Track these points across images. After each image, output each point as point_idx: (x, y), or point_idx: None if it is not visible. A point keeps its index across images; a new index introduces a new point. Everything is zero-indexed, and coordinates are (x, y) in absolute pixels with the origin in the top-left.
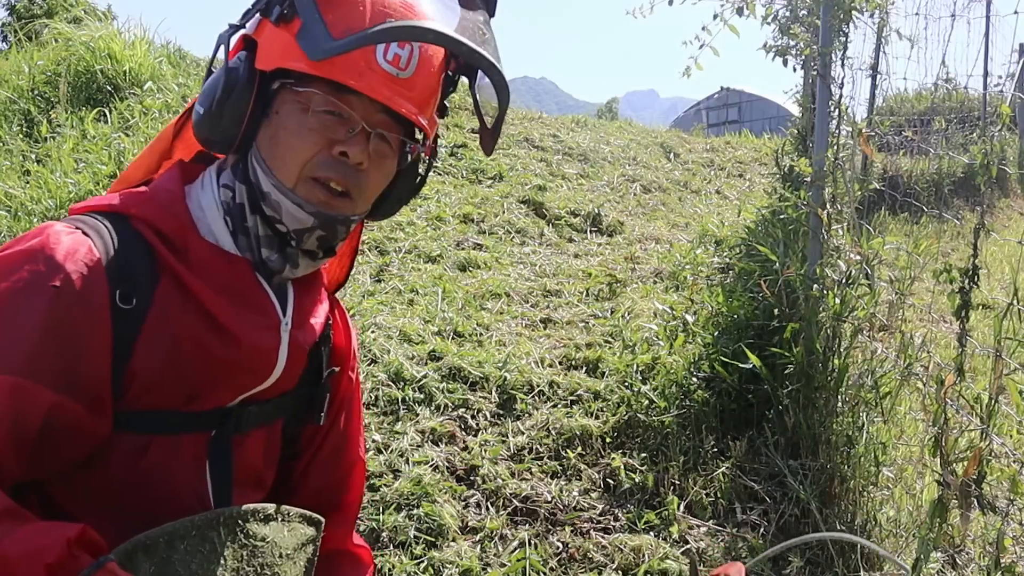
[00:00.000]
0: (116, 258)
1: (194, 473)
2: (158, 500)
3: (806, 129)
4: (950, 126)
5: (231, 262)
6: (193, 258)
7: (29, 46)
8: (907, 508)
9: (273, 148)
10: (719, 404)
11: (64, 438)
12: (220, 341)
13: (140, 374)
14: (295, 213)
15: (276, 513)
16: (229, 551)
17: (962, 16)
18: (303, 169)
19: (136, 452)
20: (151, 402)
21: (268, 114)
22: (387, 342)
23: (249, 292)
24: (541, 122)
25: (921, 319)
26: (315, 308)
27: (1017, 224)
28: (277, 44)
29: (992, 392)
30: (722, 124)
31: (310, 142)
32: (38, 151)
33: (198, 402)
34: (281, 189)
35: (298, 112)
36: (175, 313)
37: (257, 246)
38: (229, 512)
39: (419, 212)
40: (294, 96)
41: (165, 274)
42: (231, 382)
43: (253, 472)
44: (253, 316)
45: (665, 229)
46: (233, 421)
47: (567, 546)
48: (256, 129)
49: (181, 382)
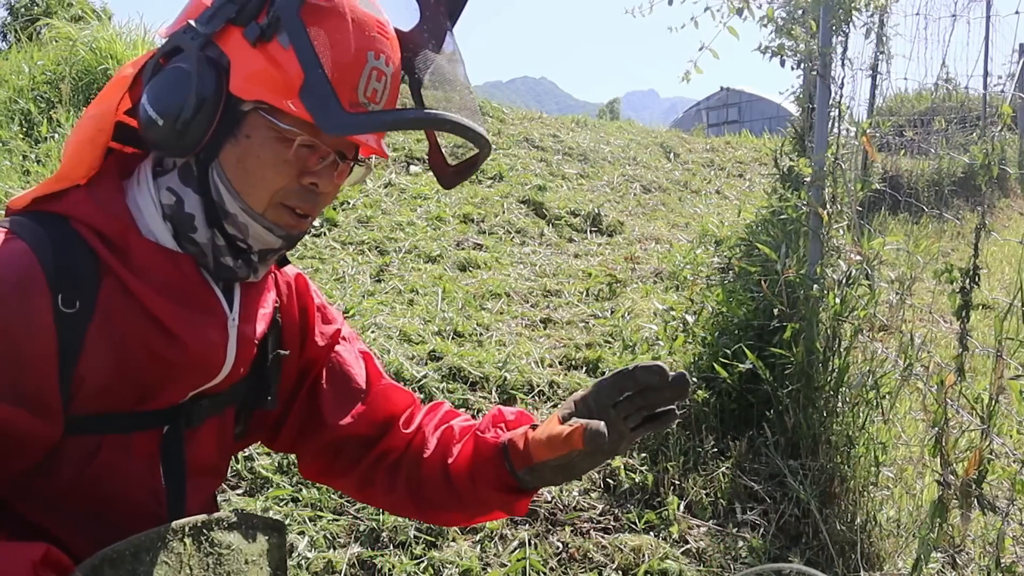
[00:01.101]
0: (56, 262)
1: (147, 470)
2: (113, 499)
3: (805, 129)
4: (950, 126)
5: (174, 260)
6: (135, 258)
7: (29, 46)
8: (907, 508)
9: (242, 173)
10: (719, 404)
11: (15, 448)
12: (166, 343)
13: (88, 378)
14: (264, 236)
15: (240, 520)
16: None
17: (962, 16)
18: (273, 196)
19: (87, 454)
20: (101, 405)
21: (236, 134)
22: (387, 342)
23: (194, 291)
24: (541, 122)
25: (921, 319)
26: (262, 298)
27: (1017, 224)
28: (259, 73)
29: (992, 392)
30: (722, 124)
31: (284, 173)
32: (38, 151)
33: (149, 402)
34: (250, 213)
35: (273, 142)
36: (120, 315)
37: (217, 254)
38: (193, 522)
39: (419, 212)
40: (269, 124)
41: (107, 276)
42: (181, 381)
43: (208, 462)
44: (199, 316)
45: (665, 229)
46: (185, 416)
47: (567, 546)
48: (220, 144)
49: (130, 384)
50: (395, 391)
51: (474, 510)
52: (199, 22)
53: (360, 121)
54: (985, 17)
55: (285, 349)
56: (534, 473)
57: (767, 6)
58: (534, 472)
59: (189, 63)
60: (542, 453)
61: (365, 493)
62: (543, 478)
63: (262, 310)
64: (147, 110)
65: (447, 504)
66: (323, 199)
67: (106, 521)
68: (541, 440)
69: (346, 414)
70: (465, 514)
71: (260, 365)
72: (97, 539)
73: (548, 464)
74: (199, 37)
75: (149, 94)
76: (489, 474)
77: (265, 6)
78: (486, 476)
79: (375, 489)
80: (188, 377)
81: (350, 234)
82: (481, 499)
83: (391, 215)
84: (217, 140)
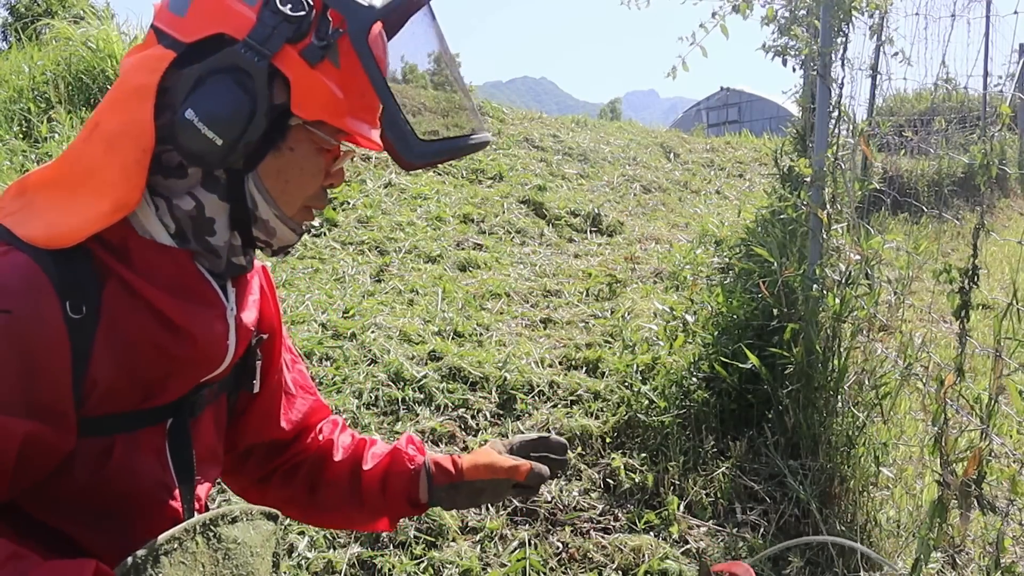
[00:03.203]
0: (59, 269)
1: (156, 464)
2: (124, 496)
3: (805, 129)
4: (950, 126)
5: (171, 256)
6: (136, 258)
7: (29, 46)
8: (907, 508)
9: (282, 183)
10: (719, 404)
11: (37, 460)
12: (175, 339)
13: (100, 381)
14: (288, 236)
15: (241, 514)
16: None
17: (962, 16)
18: (305, 201)
19: (100, 455)
20: (112, 406)
21: (280, 147)
22: (387, 342)
23: (194, 285)
24: (541, 122)
25: (921, 319)
26: (250, 285)
27: (1017, 224)
28: (320, 95)
29: (992, 392)
30: (722, 124)
31: (318, 181)
32: (38, 151)
33: (156, 398)
34: (282, 218)
35: (315, 154)
36: (126, 315)
37: (231, 254)
38: (202, 520)
39: (419, 212)
40: (310, 137)
41: (110, 278)
42: (188, 374)
43: (210, 450)
44: (202, 309)
45: (665, 229)
46: (189, 407)
47: (567, 546)
48: (260, 157)
49: (140, 382)
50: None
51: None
52: (256, 40)
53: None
54: (985, 17)
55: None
56: (453, 490)
57: (768, 6)
58: (454, 489)
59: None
60: (476, 474)
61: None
62: (452, 499)
63: (251, 297)
64: (197, 126)
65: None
66: None
67: (117, 518)
68: (479, 464)
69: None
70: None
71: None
72: (109, 536)
73: (474, 484)
74: (264, 59)
75: (201, 110)
76: (402, 486)
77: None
78: (398, 487)
79: (269, 486)
80: (195, 370)
81: (350, 234)
82: (379, 507)
83: (391, 215)
84: (259, 152)
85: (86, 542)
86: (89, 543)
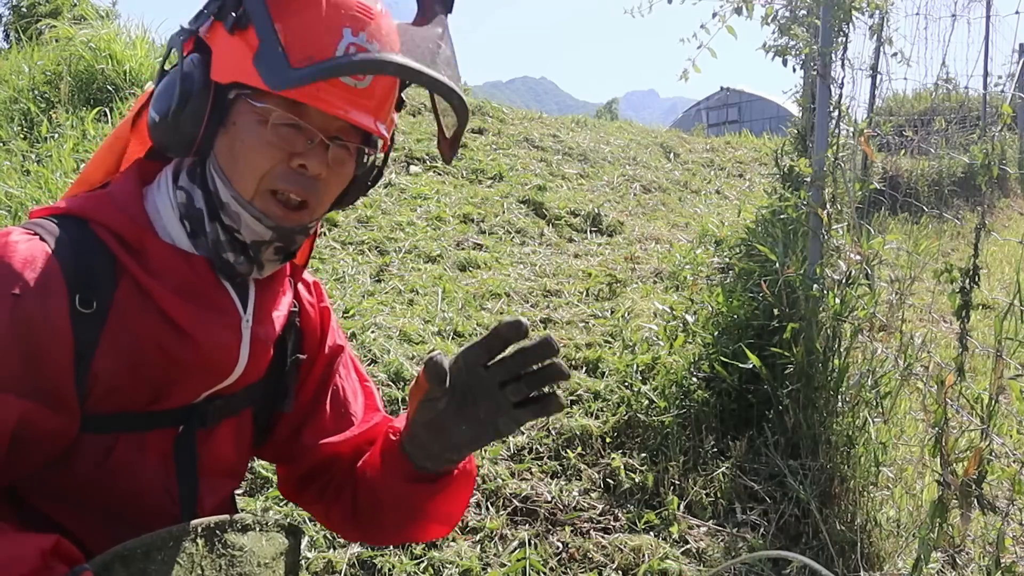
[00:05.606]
0: (74, 262)
1: (161, 469)
2: (127, 496)
3: (806, 129)
4: (950, 126)
5: (189, 262)
6: (151, 260)
7: (29, 45)
8: (907, 508)
9: (231, 160)
10: (719, 404)
11: (34, 442)
12: (179, 342)
13: (102, 377)
14: (253, 226)
15: (254, 522)
16: (207, 561)
17: (962, 16)
18: (261, 182)
19: (102, 452)
20: (116, 404)
21: (225, 123)
22: (387, 342)
23: (208, 291)
24: (541, 122)
25: (921, 319)
26: (277, 300)
27: (1017, 224)
28: (233, 56)
29: (992, 392)
30: (722, 124)
31: (268, 156)
32: (38, 151)
33: (162, 401)
34: (240, 201)
35: (256, 125)
36: (135, 316)
37: (219, 250)
38: (207, 523)
39: (419, 212)
40: (251, 108)
41: (124, 277)
42: (193, 381)
43: (224, 463)
44: (212, 316)
45: (665, 229)
46: (198, 417)
47: (567, 546)
48: (214, 135)
49: (144, 383)
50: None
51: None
52: (190, 21)
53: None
54: (985, 17)
55: (304, 353)
56: (413, 441)
57: (768, 5)
58: (412, 440)
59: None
60: (409, 413)
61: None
62: (421, 444)
63: (276, 312)
64: (150, 113)
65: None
66: (323, 186)
67: (120, 517)
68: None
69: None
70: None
71: (278, 368)
72: (111, 534)
73: (416, 422)
74: (184, 33)
75: (153, 99)
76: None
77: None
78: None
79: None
80: (200, 376)
81: (350, 234)
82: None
83: (391, 215)
84: (212, 133)
85: (86, 538)
86: (90, 540)
